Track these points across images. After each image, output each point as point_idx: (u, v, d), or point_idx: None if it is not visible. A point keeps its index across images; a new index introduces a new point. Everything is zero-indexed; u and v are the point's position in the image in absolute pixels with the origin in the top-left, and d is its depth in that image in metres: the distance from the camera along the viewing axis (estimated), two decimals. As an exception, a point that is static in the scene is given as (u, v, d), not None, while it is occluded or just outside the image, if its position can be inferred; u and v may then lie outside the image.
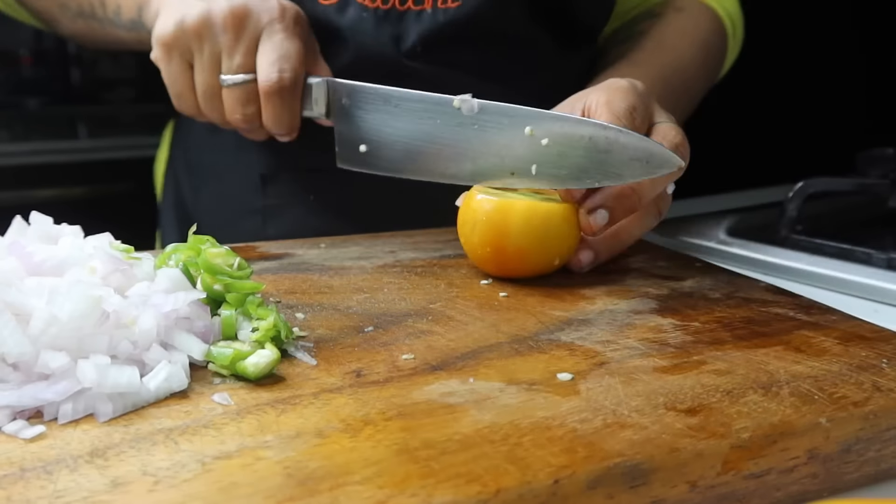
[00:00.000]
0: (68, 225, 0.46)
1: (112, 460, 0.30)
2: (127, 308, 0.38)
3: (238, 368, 0.37)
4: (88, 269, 0.40)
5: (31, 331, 0.35)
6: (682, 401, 0.36)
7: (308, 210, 0.74)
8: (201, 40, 0.60)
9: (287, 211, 0.75)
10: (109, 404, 0.34)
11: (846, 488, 0.36)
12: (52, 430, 0.32)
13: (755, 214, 0.86)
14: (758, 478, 0.34)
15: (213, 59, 0.60)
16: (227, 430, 0.33)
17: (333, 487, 0.29)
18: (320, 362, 0.40)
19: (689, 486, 0.32)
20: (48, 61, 1.89)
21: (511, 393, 0.37)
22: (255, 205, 0.76)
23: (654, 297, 0.52)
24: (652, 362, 0.41)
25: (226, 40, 0.59)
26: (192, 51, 0.61)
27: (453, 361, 0.40)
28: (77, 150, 1.64)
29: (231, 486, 0.29)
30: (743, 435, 0.33)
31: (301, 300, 0.49)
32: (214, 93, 0.62)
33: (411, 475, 0.29)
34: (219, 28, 0.59)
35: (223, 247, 0.45)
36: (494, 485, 0.29)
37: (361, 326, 0.45)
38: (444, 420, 0.34)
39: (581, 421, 0.34)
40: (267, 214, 0.76)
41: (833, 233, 0.72)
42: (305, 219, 0.74)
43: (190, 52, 0.61)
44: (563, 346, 0.43)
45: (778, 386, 0.38)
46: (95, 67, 1.86)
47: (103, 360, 0.35)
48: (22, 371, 0.35)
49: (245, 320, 0.41)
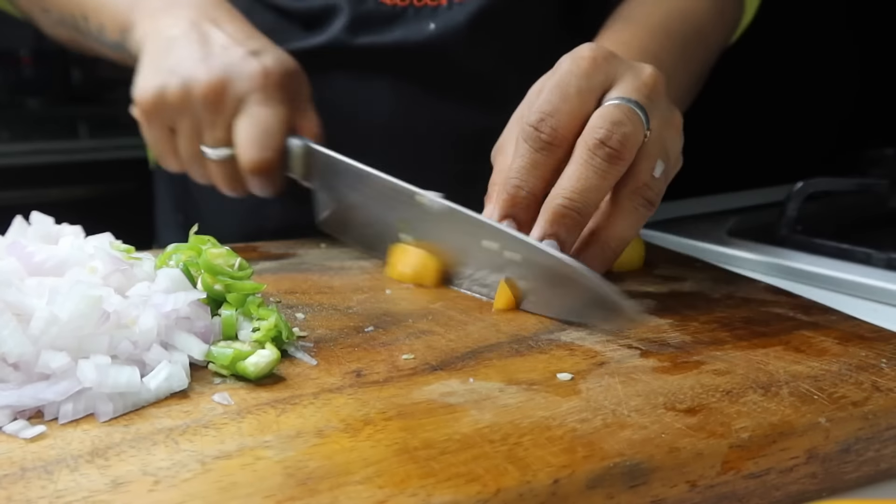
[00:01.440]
0: (69, 225, 0.46)
1: (112, 460, 0.30)
2: (127, 308, 0.38)
3: (238, 368, 0.37)
4: (89, 269, 0.40)
5: (31, 331, 0.35)
6: (681, 401, 0.36)
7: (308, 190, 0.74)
8: (181, 113, 0.59)
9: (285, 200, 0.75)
10: (110, 404, 0.34)
11: (845, 488, 0.37)
12: (52, 430, 0.32)
13: (755, 214, 0.86)
14: (757, 477, 0.34)
15: (194, 130, 0.60)
16: (228, 429, 0.33)
17: (333, 487, 0.29)
18: (320, 362, 0.40)
19: (688, 486, 0.32)
20: (48, 61, 1.89)
21: (511, 393, 0.37)
22: None
23: (653, 297, 0.52)
24: (651, 362, 0.41)
25: (206, 114, 0.58)
26: (173, 119, 0.60)
27: (453, 361, 0.40)
28: (77, 150, 1.64)
29: (231, 485, 0.29)
30: (742, 435, 0.34)
31: (301, 300, 0.49)
32: (198, 159, 0.61)
33: (411, 475, 0.30)
34: (198, 102, 0.58)
35: (224, 247, 0.45)
36: (494, 485, 0.29)
37: (361, 326, 0.45)
38: (444, 420, 0.34)
39: (581, 421, 0.34)
40: (265, 201, 0.76)
41: (833, 233, 0.72)
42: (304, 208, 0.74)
43: (171, 119, 0.60)
44: (562, 346, 0.43)
45: (777, 386, 0.38)
46: (96, 67, 1.87)
47: (104, 359, 0.35)
48: (22, 371, 0.35)
49: (245, 320, 0.41)
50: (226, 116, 0.58)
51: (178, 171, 0.64)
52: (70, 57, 1.86)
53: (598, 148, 0.46)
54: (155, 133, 0.61)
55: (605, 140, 0.46)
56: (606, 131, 0.46)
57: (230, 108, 0.58)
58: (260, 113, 0.58)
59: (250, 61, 0.58)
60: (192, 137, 0.60)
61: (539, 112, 0.48)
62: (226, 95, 0.57)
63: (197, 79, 0.57)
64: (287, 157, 0.60)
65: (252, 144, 0.58)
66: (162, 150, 0.62)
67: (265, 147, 0.58)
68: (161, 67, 0.59)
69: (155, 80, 0.59)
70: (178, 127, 0.60)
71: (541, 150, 0.48)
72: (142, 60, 0.61)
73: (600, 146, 0.46)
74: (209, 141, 0.59)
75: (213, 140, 0.59)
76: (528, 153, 0.48)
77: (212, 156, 0.60)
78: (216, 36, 0.60)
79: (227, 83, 0.57)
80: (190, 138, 0.60)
